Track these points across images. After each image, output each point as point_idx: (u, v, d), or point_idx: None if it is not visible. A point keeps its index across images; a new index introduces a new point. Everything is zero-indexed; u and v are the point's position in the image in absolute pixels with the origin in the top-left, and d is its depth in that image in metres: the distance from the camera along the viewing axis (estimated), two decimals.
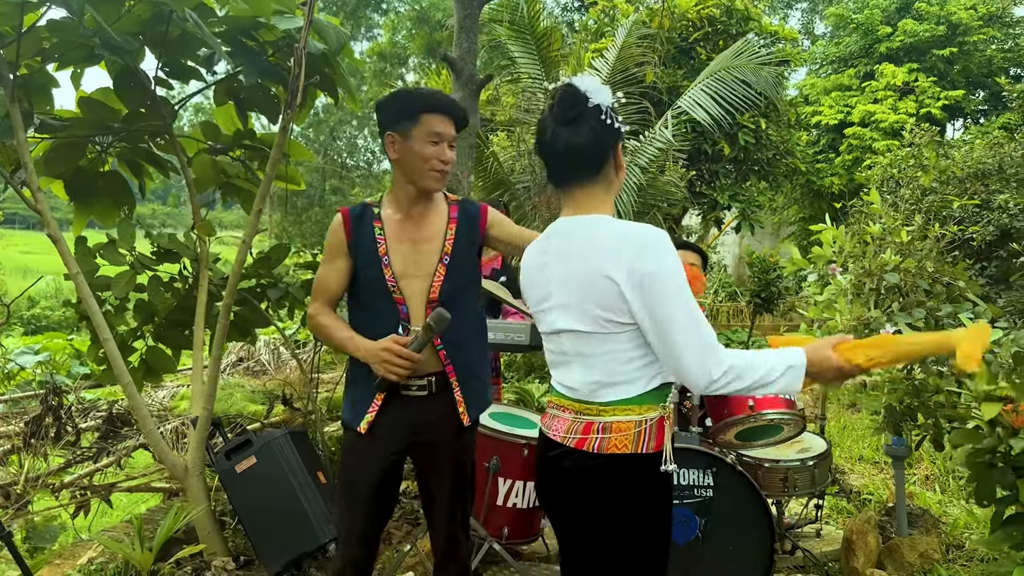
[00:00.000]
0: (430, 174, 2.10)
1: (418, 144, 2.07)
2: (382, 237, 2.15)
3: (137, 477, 3.77)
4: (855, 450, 5.33)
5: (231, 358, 7.03)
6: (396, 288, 2.13)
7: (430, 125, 2.07)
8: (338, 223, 2.19)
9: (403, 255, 2.15)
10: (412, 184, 2.13)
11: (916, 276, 3.05)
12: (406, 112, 2.08)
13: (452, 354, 2.17)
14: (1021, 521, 2.03)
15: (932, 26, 16.56)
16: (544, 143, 1.68)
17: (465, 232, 2.21)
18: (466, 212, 2.24)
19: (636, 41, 7.56)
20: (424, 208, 2.19)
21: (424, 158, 2.07)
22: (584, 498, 1.65)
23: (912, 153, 7.44)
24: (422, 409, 2.17)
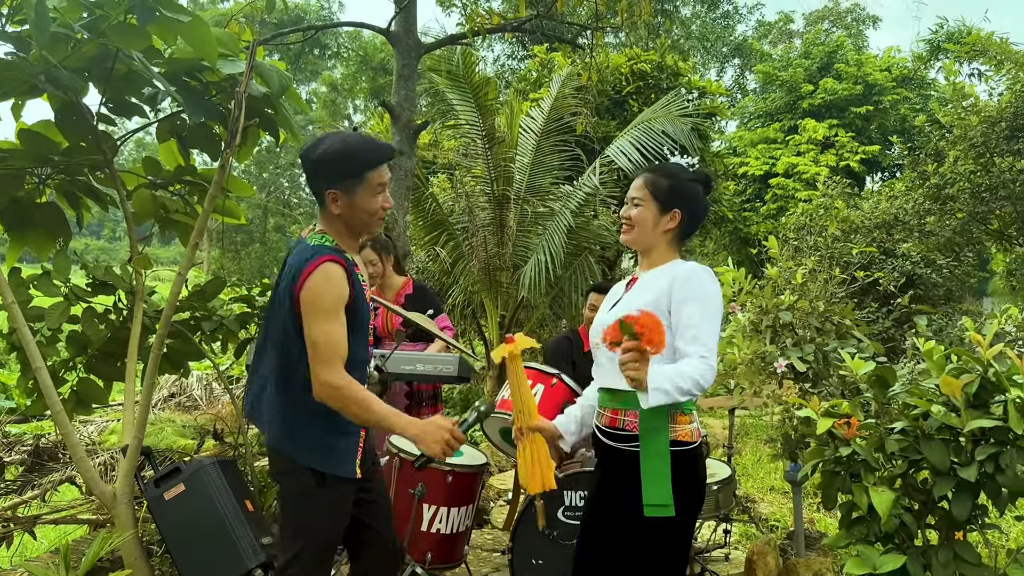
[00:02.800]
0: (374, 222, 2.16)
1: (365, 200, 2.08)
2: (365, 284, 2.18)
3: (63, 509, 3.75)
4: (766, 481, 5.64)
5: (163, 393, 6.97)
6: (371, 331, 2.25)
7: (375, 179, 2.08)
8: (341, 276, 2.06)
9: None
10: (357, 234, 2.20)
11: (808, 315, 3.36)
12: (350, 172, 2.06)
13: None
14: (862, 522, 2.32)
15: (850, 85, 17.73)
16: None
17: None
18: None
19: (570, 92, 7.96)
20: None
21: (372, 211, 2.11)
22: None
23: (824, 204, 7.98)
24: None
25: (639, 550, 2.05)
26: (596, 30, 6.68)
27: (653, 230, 2.16)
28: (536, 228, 7.78)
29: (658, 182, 2.17)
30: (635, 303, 2.08)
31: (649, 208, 2.16)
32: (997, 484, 2.18)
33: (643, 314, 1.81)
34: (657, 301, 2.06)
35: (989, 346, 2.29)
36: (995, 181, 8.41)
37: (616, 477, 2.09)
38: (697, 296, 2.03)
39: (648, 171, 2.25)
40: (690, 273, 2.08)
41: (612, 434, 2.12)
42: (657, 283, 2.11)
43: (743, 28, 28.70)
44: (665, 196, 2.15)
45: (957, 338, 7.00)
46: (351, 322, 2.07)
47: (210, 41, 2.83)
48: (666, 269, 2.15)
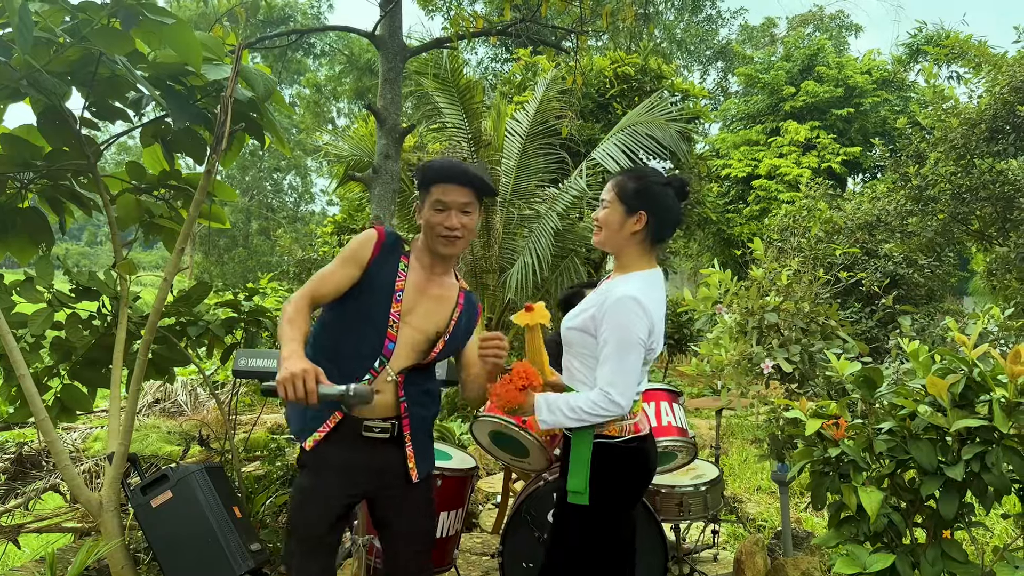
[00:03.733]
0: (437, 239, 2.22)
1: (427, 212, 2.22)
2: (404, 272, 2.24)
3: (47, 518, 3.71)
4: (753, 481, 5.67)
5: (147, 399, 6.90)
6: (395, 325, 2.18)
7: (435, 194, 2.20)
8: (369, 238, 2.23)
9: (414, 302, 2.23)
10: (427, 245, 2.27)
11: (794, 316, 3.39)
12: (422, 183, 2.26)
13: (411, 409, 2.23)
14: (850, 522, 2.34)
15: (831, 88, 17.90)
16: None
17: (465, 320, 2.34)
18: (470, 303, 2.38)
19: (555, 96, 7.98)
20: (442, 275, 2.32)
21: (430, 224, 2.21)
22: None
23: (807, 205, 8.05)
24: (384, 452, 2.21)
25: (558, 532, 2.26)
26: (580, 34, 6.70)
27: (619, 232, 2.22)
28: (522, 231, 7.80)
29: (625, 185, 2.24)
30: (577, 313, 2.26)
31: (615, 210, 2.22)
32: (983, 482, 2.21)
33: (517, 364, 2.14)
34: (590, 319, 2.19)
35: (974, 346, 2.32)
36: (975, 182, 8.52)
37: (561, 464, 2.29)
38: (613, 328, 2.11)
39: (619, 174, 2.32)
40: (617, 303, 2.12)
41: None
42: (598, 299, 2.21)
43: (726, 32, 28.90)
44: (631, 198, 2.21)
45: (939, 337, 7.09)
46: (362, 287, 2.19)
47: (195, 45, 2.81)
48: (613, 284, 2.22)
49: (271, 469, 4.23)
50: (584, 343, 2.20)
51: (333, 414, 2.18)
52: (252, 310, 4.11)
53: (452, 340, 2.29)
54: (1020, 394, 2.18)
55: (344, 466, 2.19)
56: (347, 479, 2.19)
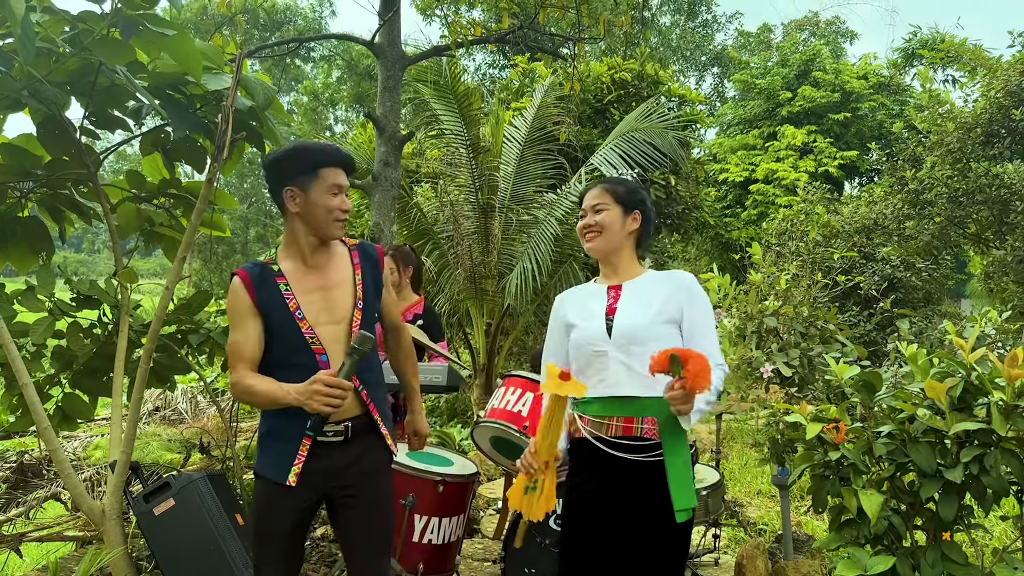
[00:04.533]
0: (334, 224, 2.20)
1: (320, 197, 2.15)
2: (289, 292, 2.18)
3: (49, 526, 3.71)
4: (753, 484, 5.68)
5: (148, 407, 6.90)
6: (315, 338, 2.16)
7: (329, 178, 2.16)
8: (238, 286, 2.18)
9: (314, 304, 2.19)
10: (315, 235, 2.22)
11: (793, 320, 3.40)
12: (305, 167, 2.15)
13: (372, 394, 2.23)
14: (851, 525, 2.36)
15: (828, 93, 17.97)
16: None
17: (370, 275, 2.31)
18: (366, 255, 2.34)
19: (553, 102, 8.01)
20: (326, 256, 2.26)
21: (328, 209, 2.16)
22: None
23: (804, 209, 8.08)
24: (341, 453, 2.21)
25: (672, 555, 2.08)
26: (578, 41, 6.73)
27: (621, 231, 2.23)
28: (521, 236, 7.81)
29: (616, 187, 2.27)
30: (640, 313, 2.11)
31: (614, 210, 2.23)
32: (982, 485, 2.22)
33: (694, 357, 1.83)
34: (666, 306, 2.11)
35: (971, 350, 2.33)
36: (971, 186, 8.56)
37: (636, 489, 2.07)
38: (704, 304, 2.16)
39: (600, 182, 2.33)
40: (693, 283, 2.18)
41: (627, 445, 2.07)
42: (658, 291, 2.15)
43: (722, 37, 29.00)
44: (625, 198, 2.24)
45: (937, 340, 7.10)
46: (267, 325, 2.17)
47: (195, 55, 2.83)
48: (657, 275, 2.21)
49: None
50: (670, 333, 2.10)
51: (302, 443, 2.18)
52: None
53: (367, 300, 2.25)
54: (1018, 397, 2.19)
55: (308, 474, 2.18)
56: (306, 486, 2.19)
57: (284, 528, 2.21)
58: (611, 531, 2.09)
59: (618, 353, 2.08)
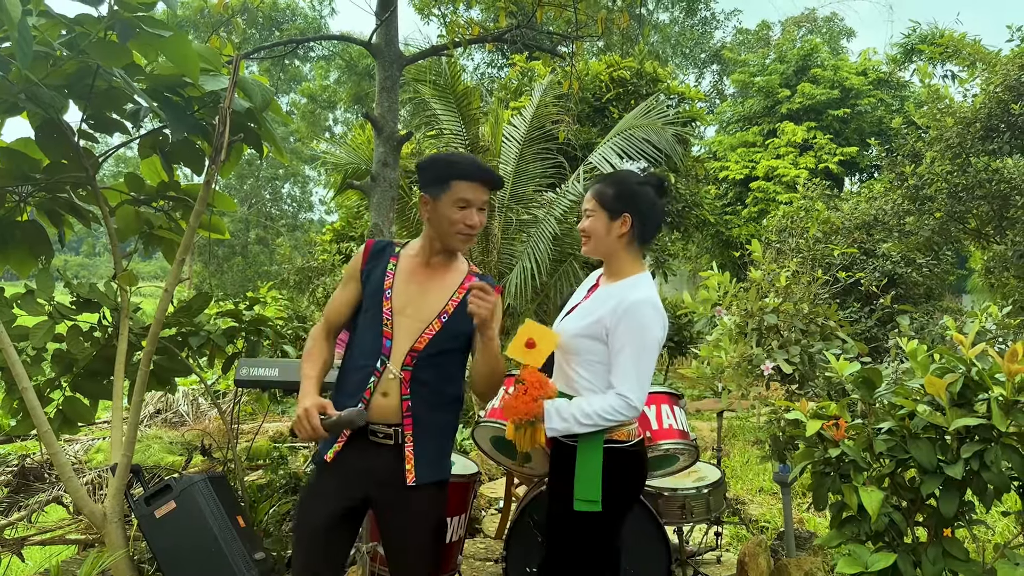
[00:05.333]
0: (456, 236, 2.21)
1: (446, 208, 2.17)
2: (391, 272, 2.26)
3: (51, 530, 3.71)
4: (755, 482, 5.68)
5: (148, 409, 6.90)
6: (389, 322, 2.19)
7: (459, 192, 2.16)
8: (360, 250, 2.34)
9: (406, 294, 2.22)
10: (439, 241, 2.25)
11: (793, 317, 3.40)
12: (438, 177, 2.18)
13: (416, 411, 2.17)
14: (852, 522, 2.35)
15: (827, 89, 17.94)
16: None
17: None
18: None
19: (552, 101, 8.01)
20: (444, 263, 2.29)
21: (451, 222, 2.18)
22: None
23: (805, 206, 8.07)
24: (388, 458, 2.17)
25: (566, 540, 2.23)
26: (575, 39, 6.72)
27: (607, 237, 2.26)
28: (521, 235, 7.81)
29: (604, 191, 2.28)
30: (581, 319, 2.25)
31: (599, 217, 2.26)
32: (983, 481, 2.22)
33: (528, 372, 2.12)
34: (598, 324, 2.19)
35: (972, 345, 2.33)
36: (971, 181, 8.54)
37: (557, 469, 2.26)
38: (631, 332, 2.15)
39: (596, 181, 2.34)
40: (632, 307, 2.16)
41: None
42: (604, 305, 2.22)
43: (721, 34, 28.97)
44: (612, 203, 2.25)
45: (938, 336, 7.09)
46: (363, 298, 2.27)
47: (192, 57, 2.83)
48: (619, 289, 2.24)
49: (274, 478, 4.23)
50: (593, 350, 2.19)
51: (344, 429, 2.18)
52: (253, 319, 4.12)
53: (452, 321, 2.21)
54: (1018, 392, 2.19)
55: (345, 468, 2.19)
56: (345, 481, 2.19)
57: (317, 518, 2.19)
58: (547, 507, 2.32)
59: (559, 352, 2.28)
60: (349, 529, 2.26)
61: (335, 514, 2.20)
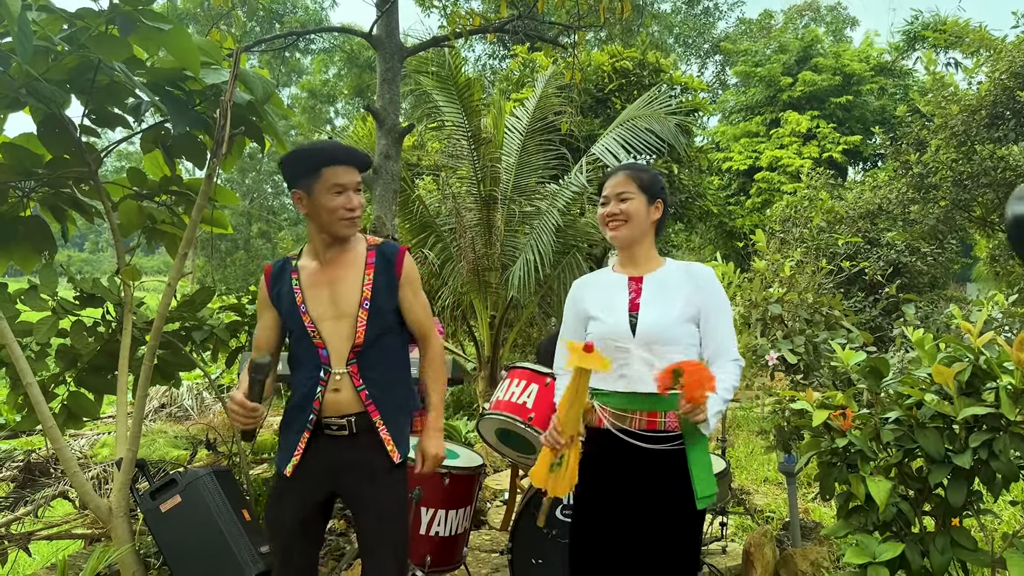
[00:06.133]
0: (340, 223, 2.19)
1: (323, 197, 2.14)
2: (297, 286, 2.23)
3: (57, 525, 3.72)
4: (760, 472, 5.67)
5: (153, 404, 6.92)
6: (315, 332, 2.18)
7: (331, 178, 2.13)
8: (262, 279, 2.33)
9: (320, 300, 2.21)
10: (326, 233, 2.22)
11: (797, 307, 3.39)
12: (306, 169, 2.15)
13: (375, 394, 2.19)
14: (859, 512, 2.34)
15: (829, 76, 17.85)
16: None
17: (384, 276, 2.26)
18: (383, 256, 2.30)
19: (554, 92, 7.97)
20: (339, 253, 2.26)
21: (330, 209, 2.15)
22: None
23: (808, 195, 8.03)
24: (348, 448, 2.21)
25: (690, 540, 2.15)
26: (577, 29, 6.69)
27: (645, 221, 2.21)
28: (524, 227, 7.79)
29: (639, 175, 2.24)
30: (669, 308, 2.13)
31: (639, 200, 2.20)
32: (991, 470, 2.21)
33: (689, 369, 1.89)
34: (687, 307, 2.14)
35: (979, 334, 2.31)
36: (976, 169, 8.50)
37: (659, 476, 2.11)
38: (722, 300, 2.18)
39: (622, 168, 2.28)
40: (711, 276, 2.21)
41: (651, 436, 2.12)
42: (680, 286, 2.17)
43: (724, 25, 28.82)
44: (649, 187, 2.22)
45: (944, 324, 7.07)
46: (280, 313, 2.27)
47: (192, 50, 2.81)
48: (677, 269, 2.22)
49: None
50: (690, 333, 2.14)
51: (302, 436, 2.21)
52: (256, 313, 4.12)
53: (376, 301, 2.21)
54: None
55: (306, 473, 2.21)
56: (307, 484, 2.22)
57: (285, 520, 2.23)
58: (629, 519, 2.13)
59: (641, 351, 2.11)
60: (318, 524, 2.32)
61: (301, 519, 2.24)
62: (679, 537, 2.13)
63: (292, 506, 2.23)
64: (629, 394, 2.13)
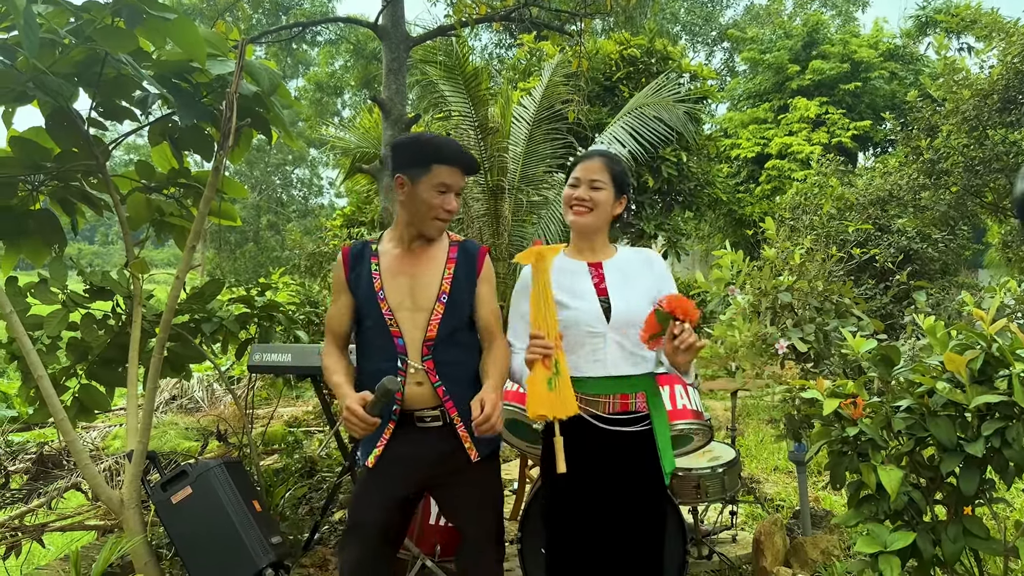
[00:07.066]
0: (433, 222, 2.18)
1: (425, 192, 2.14)
2: (377, 272, 2.21)
3: (70, 516, 3.76)
4: (770, 461, 5.66)
5: (164, 396, 6.96)
6: (392, 321, 2.17)
7: (439, 176, 2.13)
8: (339, 261, 2.29)
9: (399, 289, 2.20)
10: (414, 226, 2.21)
11: (807, 295, 3.36)
12: (418, 159, 2.14)
13: (452, 391, 2.19)
14: (870, 501, 2.33)
15: (837, 63, 17.68)
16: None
17: (464, 272, 2.25)
18: (465, 252, 2.29)
19: (561, 80, 7.93)
20: (424, 245, 2.26)
21: (429, 206, 2.15)
22: None
23: (818, 182, 7.97)
24: (438, 439, 2.20)
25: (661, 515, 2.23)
26: (584, 16, 6.64)
27: (609, 213, 2.25)
28: (531, 217, 7.77)
29: (613, 167, 2.25)
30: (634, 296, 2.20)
31: (609, 191, 2.23)
32: (1004, 458, 2.19)
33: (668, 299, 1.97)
34: (649, 291, 2.21)
35: (992, 321, 2.29)
36: (988, 154, 8.40)
37: (631, 456, 2.18)
38: (671, 281, 2.28)
39: (598, 154, 2.28)
40: (662, 261, 2.34)
41: (621, 419, 2.18)
42: (640, 271, 2.25)
43: (732, 13, 28.57)
44: (620, 181, 2.25)
45: (955, 312, 7.02)
46: (356, 297, 2.24)
47: (198, 41, 2.81)
48: (632, 255, 2.31)
49: (289, 462, 4.27)
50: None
51: (387, 427, 2.20)
52: (265, 305, 4.13)
53: (453, 296, 2.21)
54: None
55: (398, 460, 2.20)
56: (394, 477, 2.20)
57: (368, 517, 2.21)
58: (604, 502, 2.17)
59: (615, 335, 2.17)
60: (403, 518, 2.31)
61: (390, 509, 2.22)
62: (653, 513, 2.21)
63: (377, 503, 2.21)
64: (603, 378, 2.18)
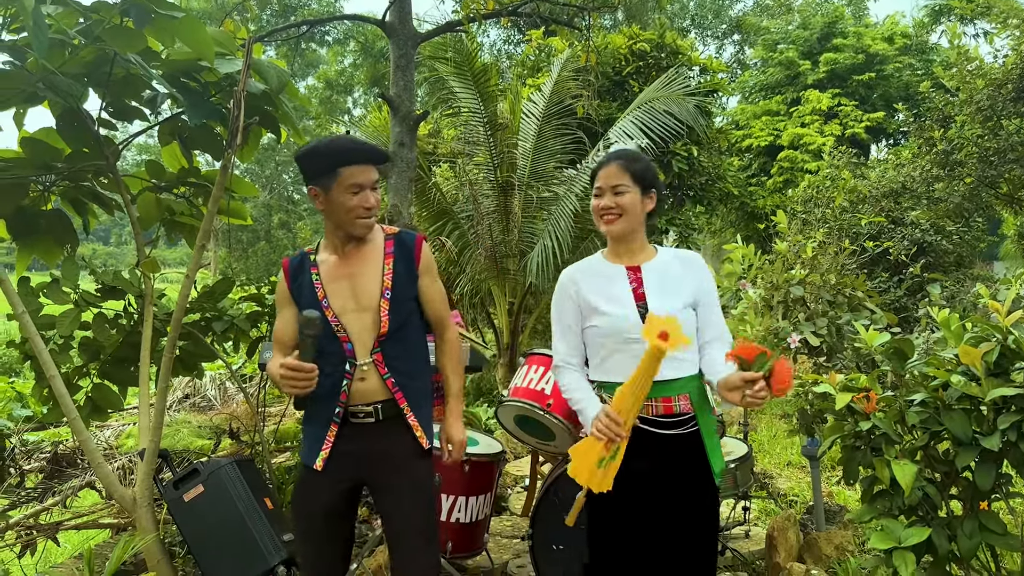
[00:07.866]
0: (356, 222, 2.17)
1: (340, 196, 2.13)
2: (319, 281, 2.22)
3: (85, 515, 3.78)
4: (783, 456, 5.62)
5: (177, 395, 7.00)
6: (339, 326, 2.18)
7: (349, 178, 2.11)
8: (281, 274, 2.32)
9: (341, 293, 2.20)
10: (341, 230, 2.22)
11: (820, 288, 3.33)
12: (323, 167, 2.12)
13: (400, 381, 2.21)
14: (884, 496, 2.31)
15: (851, 55, 17.54)
16: None
17: (403, 265, 2.27)
18: (402, 244, 2.30)
19: (571, 75, 7.89)
20: (358, 246, 2.26)
21: (348, 209, 2.14)
22: None
23: (830, 175, 7.90)
24: (375, 436, 2.21)
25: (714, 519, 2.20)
26: (593, 11, 6.61)
27: (640, 214, 2.20)
28: (541, 213, 7.75)
29: (632, 165, 2.19)
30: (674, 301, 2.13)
31: (634, 192, 2.17)
32: (1021, 452, 2.16)
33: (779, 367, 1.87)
34: (689, 295, 2.16)
35: (1007, 313, 2.26)
36: (1003, 144, 8.30)
37: (680, 459, 2.13)
38: (714, 285, 2.25)
39: (615, 157, 2.23)
40: (702, 262, 2.28)
41: (667, 422, 2.12)
42: (680, 276, 2.19)
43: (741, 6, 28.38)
44: (643, 178, 2.19)
45: (970, 304, 6.94)
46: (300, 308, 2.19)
47: (206, 40, 2.81)
48: (671, 257, 2.24)
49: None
50: (691, 320, 2.16)
51: (330, 428, 2.21)
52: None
53: (396, 291, 2.21)
54: None
55: (337, 458, 2.21)
56: (338, 469, 2.21)
57: (316, 509, 2.24)
58: (655, 507, 2.12)
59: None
60: (344, 515, 2.31)
61: (330, 507, 2.24)
62: (704, 518, 2.16)
63: (320, 496, 2.23)
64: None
